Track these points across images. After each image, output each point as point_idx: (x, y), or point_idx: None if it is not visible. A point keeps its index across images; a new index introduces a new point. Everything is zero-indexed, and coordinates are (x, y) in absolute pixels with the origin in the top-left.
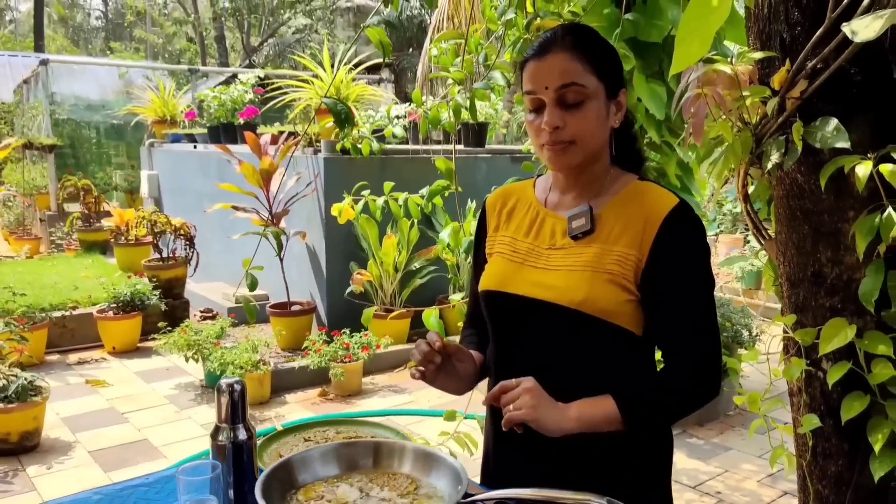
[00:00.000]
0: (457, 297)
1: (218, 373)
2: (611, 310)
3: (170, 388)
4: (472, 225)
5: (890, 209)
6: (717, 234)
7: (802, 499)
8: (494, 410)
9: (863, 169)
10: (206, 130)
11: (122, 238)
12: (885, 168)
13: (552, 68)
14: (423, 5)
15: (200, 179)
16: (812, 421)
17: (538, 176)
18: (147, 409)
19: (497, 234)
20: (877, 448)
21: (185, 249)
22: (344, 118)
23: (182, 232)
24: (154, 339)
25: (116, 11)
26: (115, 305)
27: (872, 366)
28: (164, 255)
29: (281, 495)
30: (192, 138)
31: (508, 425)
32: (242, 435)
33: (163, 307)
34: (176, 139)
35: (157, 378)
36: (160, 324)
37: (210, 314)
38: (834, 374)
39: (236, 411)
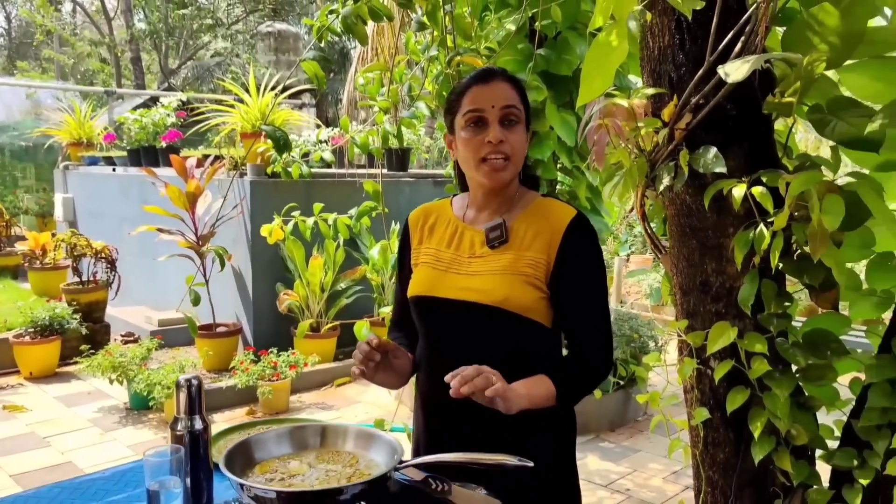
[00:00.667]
0: (386, 310)
1: (144, 394)
2: (527, 306)
3: (92, 411)
4: (397, 245)
5: (762, 225)
6: (628, 255)
7: (696, 485)
8: (425, 400)
9: (738, 191)
10: (125, 153)
11: (38, 262)
12: (757, 190)
13: (497, 91)
14: (344, 32)
15: (120, 203)
16: (702, 414)
17: (454, 196)
18: (70, 433)
19: (421, 246)
20: (756, 435)
21: (107, 273)
22: (283, 144)
23: (103, 255)
24: (75, 363)
25: (21, 29)
26: (32, 330)
27: (752, 362)
28: (85, 278)
29: (241, 471)
30: (110, 161)
31: (486, 402)
32: (199, 425)
33: (83, 331)
34: (93, 162)
35: (79, 402)
36: (81, 347)
37: (132, 338)
38: (720, 371)
39: (193, 404)
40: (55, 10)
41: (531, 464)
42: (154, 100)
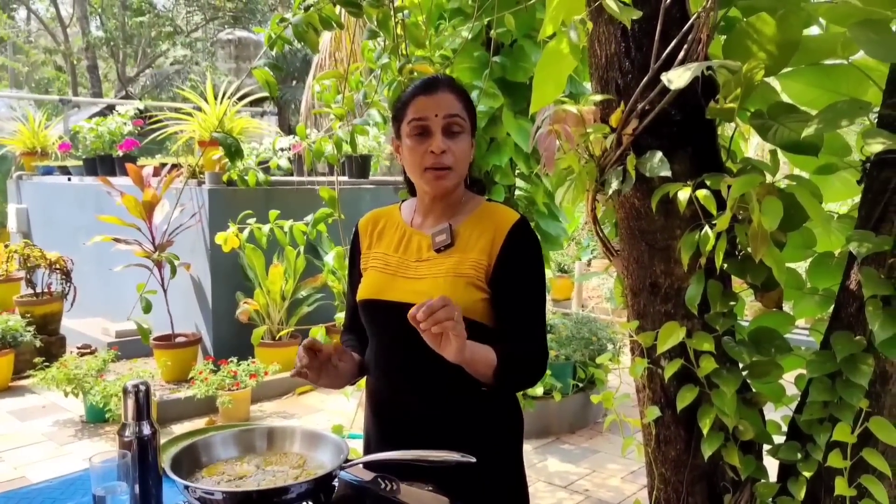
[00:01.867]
0: (342, 316)
1: (101, 406)
2: (469, 307)
3: (47, 425)
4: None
5: (707, 228)
6: (589, 260)
7: (650, 482)
8: (374, 401)
9: (683, 194)
10: (81, 163)
11: None
12: (701, 193)
13: (441, 101)
14: (297, 41)
15: (76, 212)
16: (654, 412)
17: (402, 202)
18: (24, 448)
19: (370, 251)
20: (705, 431)
21: (62, 284)
22: (234, 151)
23: (58, 266)
24: (29, 376)
25: None
26: None
27: (700, 361)
28: (39, 290)
29: (188, 474)
30: (65, 171)
31: (437, 331)
32: (147, 430)
33: (37, 344)
34: (48, 171)
35: (33, 416)
36: (36, 360)
37: (88, 350)
38: (670, 370)
39: (141, 410)
40: (8, 17)
41: (473, 459)
42: (111, 108)
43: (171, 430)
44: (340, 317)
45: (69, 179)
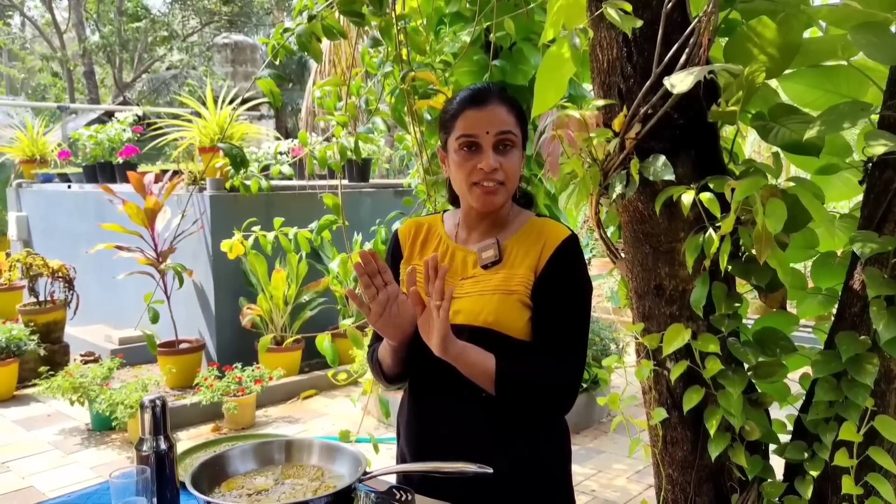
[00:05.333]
0: (348, 323)
1: (107, 414)
2: (518, 327)
3: (53, 434)
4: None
5: (710, 230)
6: (590, 259)
7: (657, 483)
8: (414, 413)
9: (687, 197)
10: (80, 170)
11: None
12: (704, 196)
13: (492, 117)
14: (300, 50)
15: (77, 220)
16: (660, 413)
17: (444, 212)
18: (30, 457)
19: (411, 263)
20: (712, 432)
21: (64, 292)
22: (240, 161)
23: (60, 274)
24: (33, 385)
25: None
26: None
27: (706, 362)
28: (41, 298)
29: (208, 488)
30: (65, 178)
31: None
32: (164, 445)
33: (41, 352)
34: (47, 179)
35: (39, 425)
36: (40, 369)
37: (92, 357)
38: (676, 372)
39: (158, 424)
40: (4, 23)
41: (490, 470)
42: (109, 114)
43: (177, 437)
44: (345, 323)
45: (69, 187)
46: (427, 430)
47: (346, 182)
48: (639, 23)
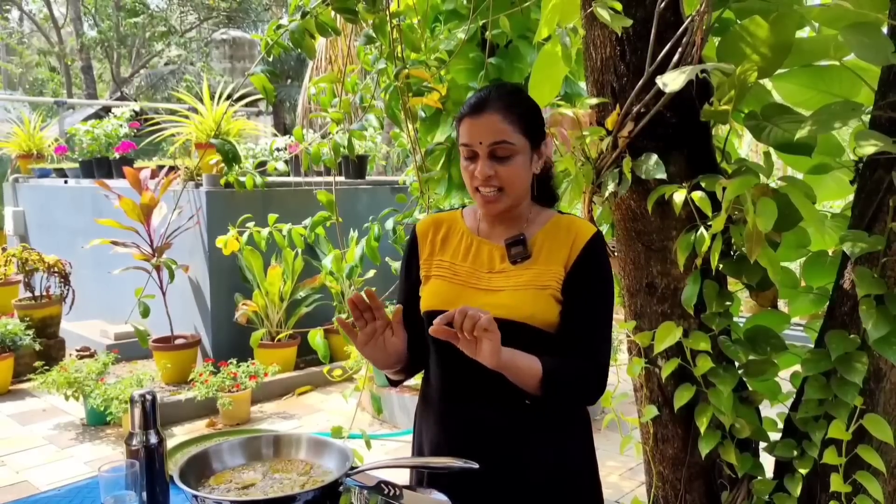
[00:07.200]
0: (342, 318)
1: (102, 409)
2: (550, 321)
3: (48, 428)
4: (354, 253)
5: (702, 229)
6: None
7: (648, 480)
8: (437, 410)
9: (679, 196)
10: (77, 165)
11: None
12: (696, 195)
13: (485, 127)
14: (294, 47)
15: (73, 215)
16: (651, 411)
17: (463, 207)
18: (25, 451)
19: (433, 259)
20: (702, 429)
21: (60, 287)
22: (232, 157)
23: (56, 269)
24: (29, 379)
25: None
26: None
27: (697, 360)
28: (37, 293)
29: (195, 483)
30: (62, 173)
31: (471, 334)
32: (154, 440)
33: (36, 347)
34: (44, 174)
35: (34, 420)
36: (35, 364)
37: (88, 352)
38: (667, 369)
39: (148, 419)
40: (2, 18)
41: (476, 465)
42: (106, 110)
43: (172, 433)
44: (341, 318)
45: (66, 182)
46: (458, 434)
47: (342, 179)
48: (629, 22)
